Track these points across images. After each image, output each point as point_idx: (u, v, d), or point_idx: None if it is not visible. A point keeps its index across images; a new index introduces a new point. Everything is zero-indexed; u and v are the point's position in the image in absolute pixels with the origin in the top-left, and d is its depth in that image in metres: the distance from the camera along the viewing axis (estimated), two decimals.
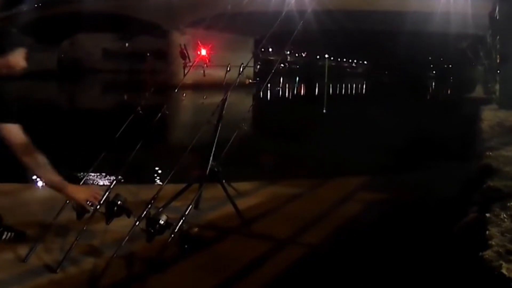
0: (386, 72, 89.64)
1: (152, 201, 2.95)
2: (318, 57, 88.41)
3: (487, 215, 2.44)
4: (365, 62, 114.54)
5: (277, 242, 3.49)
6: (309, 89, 48.48)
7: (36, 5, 44.24)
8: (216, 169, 3.73)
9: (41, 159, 2.60)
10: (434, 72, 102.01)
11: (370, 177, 5.80)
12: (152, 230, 2.74)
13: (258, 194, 4.73)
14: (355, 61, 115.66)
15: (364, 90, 55.43)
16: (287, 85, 50.89)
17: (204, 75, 4.19)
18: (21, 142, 2.52)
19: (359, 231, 3.80)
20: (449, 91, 50.27)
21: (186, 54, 4.08)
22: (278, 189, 4.96)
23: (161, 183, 4.14)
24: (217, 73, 4.22)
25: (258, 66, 50.08)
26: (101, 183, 6.08)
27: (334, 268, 3.11)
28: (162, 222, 2.75)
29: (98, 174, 3.25)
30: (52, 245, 3.14)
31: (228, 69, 4.04)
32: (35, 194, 4.37)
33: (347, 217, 4.12)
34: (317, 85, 50.09)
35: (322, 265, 3.13)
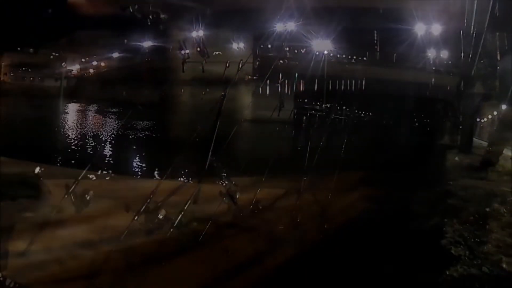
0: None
1: (151, 196, 2.94)
2: (317, 53, 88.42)
3: (487, 209, 2.45)
4: (364, 58, 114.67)
5: (276, 237, 3.48)
6: (308, 86, 48.38)
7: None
8: (215, 164, 3.72)
9: None
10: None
11: (368, 174, 5.79)
12: (151, 225, 2.74)
13: (256, 190, 4.71)
14: (354, 57, 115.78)
15: (363, 87, 55.34)
16: (286, 82, 50.81)
17: (203, 71, 4.17)
18: None
19: (358, 228, 3.79)
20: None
21: (185, 51, 4.06)
22: (276, 184, 4.94)
23: (160, 178, 4.13)
24: (216, 69, 4.20)
25: (257, 63, 49.98)
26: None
27: (333, 265, 3.10)
28: (161, 217, 2.75)
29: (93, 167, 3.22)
30: (51, 240, 3.13)
31: (227, 65, 4.03)
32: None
33: (346, 213, 4.11)
34: (316, 81, 50.00)
35: (320, 261, 3.13)
